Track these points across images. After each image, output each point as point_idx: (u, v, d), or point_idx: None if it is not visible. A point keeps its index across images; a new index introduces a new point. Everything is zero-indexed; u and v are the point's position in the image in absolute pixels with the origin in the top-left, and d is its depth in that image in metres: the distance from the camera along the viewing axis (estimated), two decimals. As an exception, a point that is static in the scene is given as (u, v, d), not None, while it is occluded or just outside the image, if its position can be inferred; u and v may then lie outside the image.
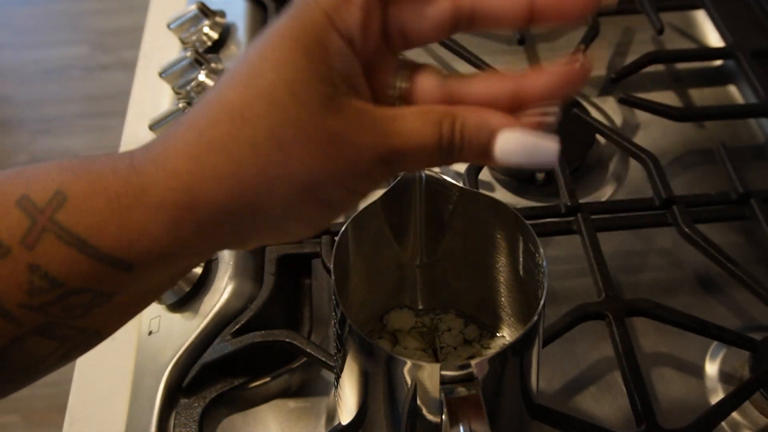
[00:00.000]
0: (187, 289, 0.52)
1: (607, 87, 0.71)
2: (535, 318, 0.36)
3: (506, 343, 0.47)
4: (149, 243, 0.27)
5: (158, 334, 0.51)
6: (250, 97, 0.26)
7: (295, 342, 0.48)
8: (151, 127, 0.61)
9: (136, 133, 0.68)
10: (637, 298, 0.51)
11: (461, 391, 0.35)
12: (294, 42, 0.27)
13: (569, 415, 0.46)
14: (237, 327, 0.49)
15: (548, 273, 0.38)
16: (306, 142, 0.26)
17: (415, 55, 0.32)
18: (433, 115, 0.28)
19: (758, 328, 0.54)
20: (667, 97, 0.70)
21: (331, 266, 0.38)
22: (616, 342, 0.49)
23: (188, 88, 0.64)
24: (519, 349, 0.38)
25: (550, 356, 0.52)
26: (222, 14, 0.70)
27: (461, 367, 0.35)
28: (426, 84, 0.31)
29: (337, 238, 0.39)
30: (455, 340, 0.48)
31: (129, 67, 0.79)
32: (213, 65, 0.66)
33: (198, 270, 0.52)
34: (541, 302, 0.37)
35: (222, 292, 0.51)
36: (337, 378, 0.42)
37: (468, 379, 0.35)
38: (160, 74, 0.65)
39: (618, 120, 0.68)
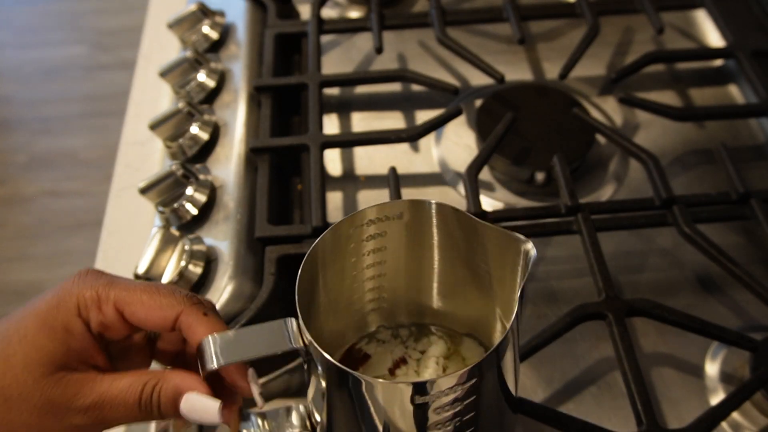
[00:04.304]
0: (187, 290, 0.52)
1: (607, 87, 0.71)
2: (495, 346, 0.36)
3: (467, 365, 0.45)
4: None
5: (158, 334, 0.51)
6: None
7: (295, 342, 0.48)
8: (151, 127, 0.61)
9: (135, 133, 0.68)
10: (637, 298, 0.51)
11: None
12: (42, 323, 0.36)
13: (569, 415, 0.46)
14: (237, 327, 0.49)
15: (528, 276, 0.38)
16: (26, 401, 0.35)
17: (418, 55, 0.32)
18: (142, 378, 0.36)
19: (758, 328, 0.54)
20: (667, 97, 0.70)
21: (297, 286, 0.39)
22: (616, 342, 0.49)
23: (188, 88, 0.64)
24: (482, 369, 0.37)
25: (550, 356, 0.52)
26: (222, 14, 0.70)
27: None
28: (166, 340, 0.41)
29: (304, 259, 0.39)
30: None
31: (129, 67, 0.79)
32: (213, 65, 0.66)
33: (198, 270, 0.52)
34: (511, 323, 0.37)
35: (222, 292, 0.51)
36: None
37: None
38: (160, 74, 0.65)
39: (618, 120, 0.68)
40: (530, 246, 0.38)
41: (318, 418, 0.41)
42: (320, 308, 0.43)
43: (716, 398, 0.50)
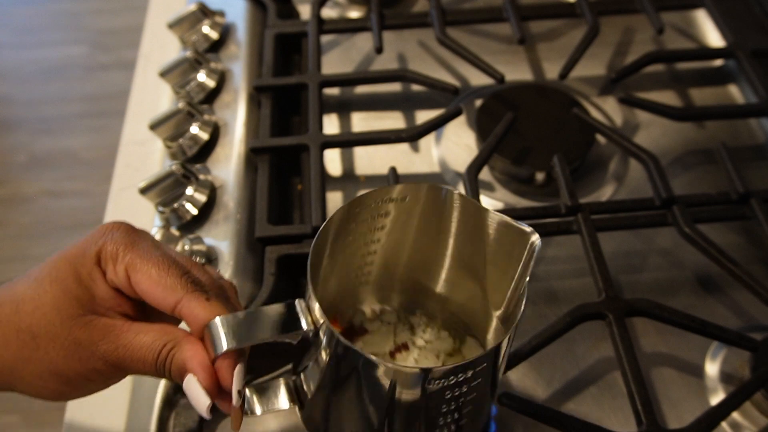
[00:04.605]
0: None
1: (607, 87, 0.71)
2: (500, 342, 0.36)
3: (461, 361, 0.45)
4: None
5: (158, 334, 0.51)
6: (28, 296, 0.37)
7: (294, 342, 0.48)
8: (151, 127, 0.61)
9: (135, 133, 0.68)
10: (637, 298, 0.51)
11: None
12: (72, 268, 0.37)
13: (569, 415, 0.46)
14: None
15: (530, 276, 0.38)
16: (54, 340, 0.37)
17: (418, 55, 0.32)
18: (163, 339, 0.37)
19: (758, 328, 0.54)
20: (667, 97, 0.70)
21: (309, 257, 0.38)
22: (616, 342, 0.49)
23: (188, 88, 0.64)
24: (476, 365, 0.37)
25: (550, 356, 0.52)
26: (222, 14, 0.70)
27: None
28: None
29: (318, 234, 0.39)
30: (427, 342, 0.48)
31: (129, 67, 0.79)
32: (213, 65, 0.66)
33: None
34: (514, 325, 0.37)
35: (222, 292, 0.51)
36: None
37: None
38: (160, 74, 0.65)
39: (618, 120, 0.68)
40: (536, 238, 0.37)
41: (309, 390, 0.41)
42: (323, 281, 0.43)
43: (716, 398, 0.50)
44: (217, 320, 0.36)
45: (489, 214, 0.40)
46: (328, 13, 0.77)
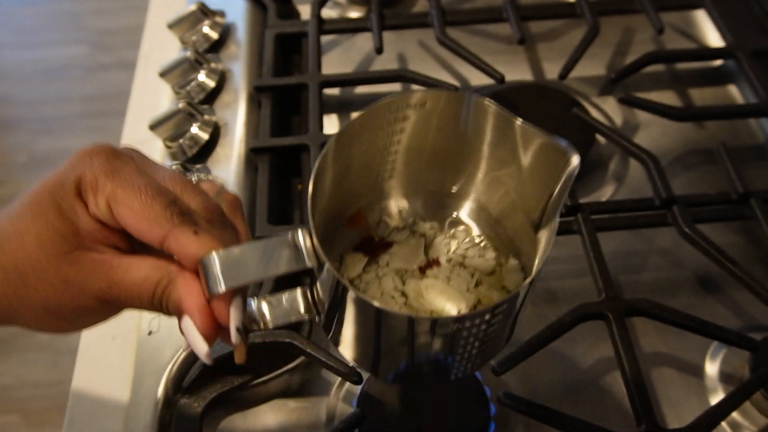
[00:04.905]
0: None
1: (607, 87, 0.71)
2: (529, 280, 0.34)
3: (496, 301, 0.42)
4: None
5: (158, 334, 0.51)
6: (11, 233, 0.34)
7: (295, 342, 0.48)
8: (151, 127, 0.61)
9: (135, 133, 0.68)
10: (637, 298, 0.51)
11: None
12: (53, 201, 0.34)
13: (569, 415, 0.46)
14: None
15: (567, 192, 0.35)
16: (42, 279, 0.34)
17: (418, 55, 0.32)
18: (156, 274, 0.34)
19: (758, 328, 0.54)
20: (667, 97, 0.70)
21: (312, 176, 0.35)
22: (616, 342, 0.49)
23: (188, 88, 0.64)
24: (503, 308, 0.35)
25: (550, 356, 0.52)
26: (222, 14, 0.70)
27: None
28: None
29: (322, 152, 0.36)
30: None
31: (129, 67, 0.79)
32: (213, 65, 0.66)
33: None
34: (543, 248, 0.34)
35: (222, 292, 0.51)
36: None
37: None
38: (160, 74, 0.65)
39: (618, 120, 0.68)
40: (575, 158, 0.34)
41: (326, 304, 0.38)
42: (332, 197, 0.40)
43: (716, 398, 0.50)
44: (210, 258, 0.33)
45: (521, 127, 0.37)
46: (328, 13, 0.77)
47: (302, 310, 0.38)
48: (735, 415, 0.49)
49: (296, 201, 0.63)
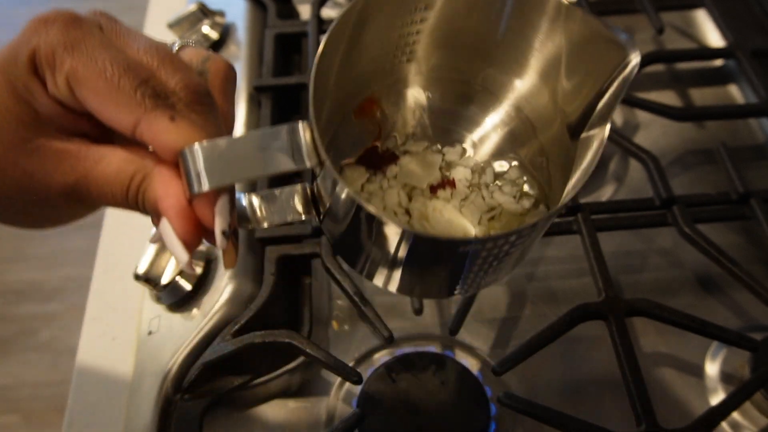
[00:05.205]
0: (188, 289, 0.52)
1: (607, 87, 0.71)
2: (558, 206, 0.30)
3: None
4: None
5: (158, 334, 0.51)
6: None
7: (294, 342, 0.48)
8: (170, 26, 0.68)
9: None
10: (637, 298, 0.51)
11: None
12: (5, 79, 0.29)
13: (569, 415, 0.46)
14: (237, 327, 0.49)
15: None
16: (1, 172, 0.29)
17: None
18: (130, 168, 0.29)
19: (758, 328, 0.54)
20: (667, 97, 0.70)
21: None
22: (616, 342, 0.49)
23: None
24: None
25: (550, 356, 0.52)
26: (222, 14, 0.70)
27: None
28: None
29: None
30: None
31: (129, 67, 0.79)
32: (213, 65, 0.66)
33: (198, 270, 0.52)
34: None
35: (222, 292, 0.51)
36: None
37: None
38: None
39: (618, 120, 0.68)
40: (635, 56, 0.30)
41: (327, 205, 0.33)
42: (342, 78, 0.35)
43: (716, 398, 0.50)
44: (191, 151, 0.28)
45: (572, 11, 0.32)
46: (328, 13, 0.77)
47: (300, 209, 0.33)
48: (735, 415, 0.49)
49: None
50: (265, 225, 0.33)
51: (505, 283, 0.56)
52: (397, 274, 0.34)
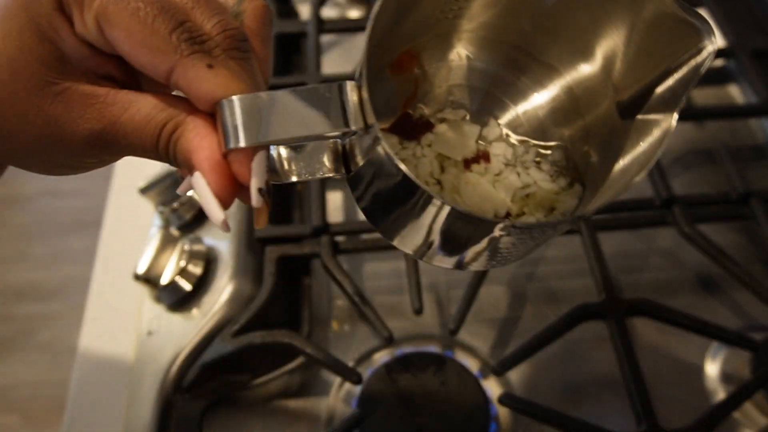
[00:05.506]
0: (188, 289, 0.52)
1: (608, 87, 0.71)
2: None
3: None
4: None
5: (158, 334, 0.51)
6: None
7: (294, 342, 0.48)
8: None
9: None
10: (637, 298, 0.51)
11: None
12: (26, 16, 0.27)
13: (569, 415, 0.46)
14: (237, 327, 0.49)
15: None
16: (21, 117, 0.27)
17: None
18: (162, 116, 0.28)
19: (759, 328, 0.54)
20: (667, 97, 0.70)
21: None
22: (616, 342, 0.49)
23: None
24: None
25: (550, 356, 0.52)
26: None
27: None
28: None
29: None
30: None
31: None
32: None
33: (198, 270, 0.52)
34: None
35: (222, 292, 0.51)
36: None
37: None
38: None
39: (618, 120, 0.68)
40: (712, 44, 0.28)
41: (360, 166, 0.31)
42: (388, 34, 0.32)
43: (716, 398, 0.50)
44: (229, 103, 0.26)
45: None
46: (328, 13, 0.77)
47: (330, 165, 0.31)
48: (735, 415, 0.49)
49: (296, 201, 0.63)
50: (293, 179, 0.31)
51: (505, 283, 0.56)
52: (418, 240, 0.32)
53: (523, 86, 0.36)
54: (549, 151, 0.36)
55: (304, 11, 0.76)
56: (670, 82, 0.29)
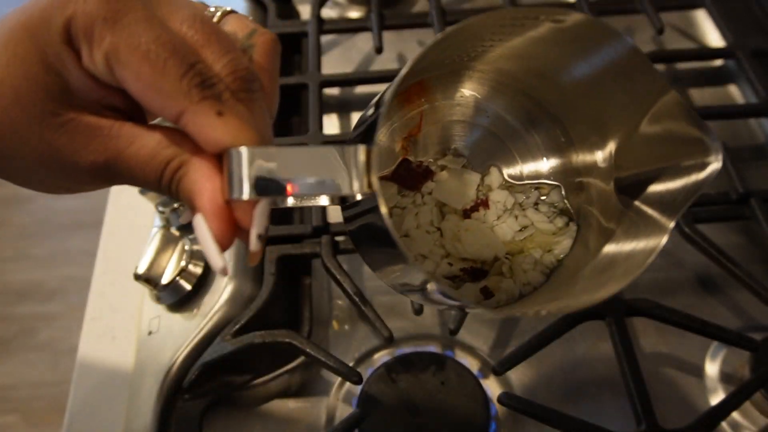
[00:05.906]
0: (188, 289, 0.52)
1: (607, 87, 0.71)
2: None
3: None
4: None
5: (158, 334, 0.51)
6: None
7: (294, 342, 0.48)
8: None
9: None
10: (637, 297, 0.51)
11: None
12: (32, 43, 0.26)
13: (569, 415, 0.46)
14: (237, 327, 0.49)
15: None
16: (24, 144, 0.27)
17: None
18: (166, 153, 0.27)
19: (758, 328, 0.54)
20: (667, 97, 0.70)
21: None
22: (616, 342, 0.49)
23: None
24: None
25: (550, 356, 0.52)
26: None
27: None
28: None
29: None
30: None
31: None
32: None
33: (198, 270, 0.52)
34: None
35: (222, 292, 0.51)
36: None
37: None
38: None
39: (618, 120, 0.68)
40: (718, 162, 0.27)
41: (357, 197, 0.30)
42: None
43: (716, 398, 0.50)
44: (239, 153, 0.26)
45: (673, 100, 0.29)
46: (328, 13, 0.77)
47: (328, 201, 0.32)
48: (735, 415, 0.49)
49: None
50: (289, 204, 0.31)
51: (505, 283, 0.56)
52: (391, 278, 0.33)
53: (527, 135, 0.37)
54: (546, 195, 0.37)
55: (304, 11, 0.76)
56: (669, 183, 0.30)
